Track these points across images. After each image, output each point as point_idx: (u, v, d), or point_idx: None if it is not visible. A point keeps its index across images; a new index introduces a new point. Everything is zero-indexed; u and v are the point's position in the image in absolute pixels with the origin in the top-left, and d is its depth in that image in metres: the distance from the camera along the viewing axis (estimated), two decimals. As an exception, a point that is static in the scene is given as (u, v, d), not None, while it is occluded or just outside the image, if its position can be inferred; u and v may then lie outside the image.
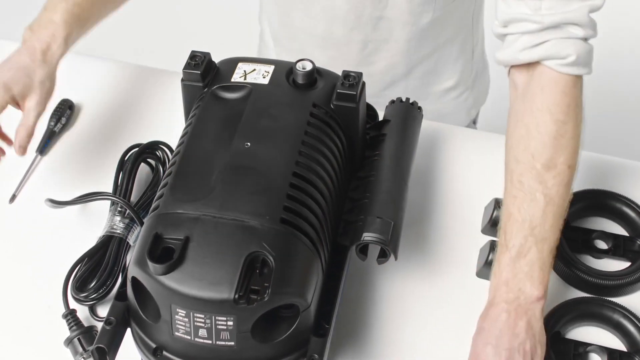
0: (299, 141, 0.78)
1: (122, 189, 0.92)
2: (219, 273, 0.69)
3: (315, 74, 0.83)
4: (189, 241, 0.70)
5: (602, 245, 0.92)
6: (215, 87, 0.83)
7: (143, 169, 0.97)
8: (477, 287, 0.89)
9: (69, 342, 0.82)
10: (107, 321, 0.75)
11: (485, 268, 0.89)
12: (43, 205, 0.91)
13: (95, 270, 0.87)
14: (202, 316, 0.69)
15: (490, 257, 0.88)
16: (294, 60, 0.83)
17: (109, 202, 0.92)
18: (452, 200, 0.97)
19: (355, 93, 0.81)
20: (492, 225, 0.93)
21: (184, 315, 0.70)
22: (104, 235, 0.89)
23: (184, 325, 0.71)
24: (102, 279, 0.85)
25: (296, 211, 0.73)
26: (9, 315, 0.87)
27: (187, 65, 0.83)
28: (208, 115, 0.81)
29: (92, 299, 0.85)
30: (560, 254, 0.89)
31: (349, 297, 0.88)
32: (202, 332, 0.71)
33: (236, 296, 0.68)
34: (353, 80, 0.82)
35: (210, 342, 0.71)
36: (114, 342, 0.75)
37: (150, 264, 0.69)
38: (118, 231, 0.88)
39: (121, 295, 0.77)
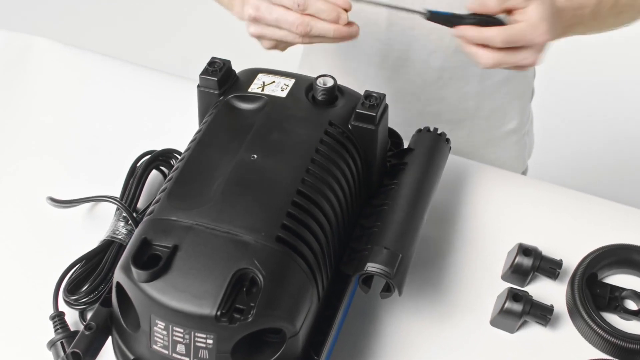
0: (308, 159, 0.74)
1: (129, 195, 0.89)
2: (203, 286, 0.65)
3: (337, 92, 0.80)
4: (177, 250, 0.67)
5: (631, 305, 0.85)
6: (230, 96, 0.80)
7: (156, 176, 0.94)
8: (489, 337, 0.82)
9: (51, 344, 0.79)
10: (87, 326, 0.72)
11: (500, 317, 0.83)
12: (48, 205, 0.89)
13: (90, 274, 0.84)
14: (181, 331, 0.65)
15: (506, 305, 0.82)
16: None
17: (115, 207, 0.89)
18: (474, 241, 0.91)
19: (375, 114, 0.77)
20: (513, 271, 0.86)
21: (162, 327, 0.66)
22: (104, 240, 0.86)
23: (162, 338, 0.67)
24: (95, 284, 0.82)
25: (295, 231, 0.69)
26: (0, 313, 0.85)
27: (205, 71, 0.81)
28: (219, 124, 0.78)
29: (83, 303, 0.81)
30: (585, 310, 0.82)
31: (350, 330, 0.82)
32: (180, 348, 0.66)
33: (218, 313, 0.64)
34: (374, 101, 0.78)
35: (188, 359, 0.67)
36: (92, 348, 0.71)
37: (133, 269, 0.66)
38: (119, 237, 0.85)
39: (106, 301, 0.74)
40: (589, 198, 0.94)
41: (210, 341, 0.65)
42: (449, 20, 0.79)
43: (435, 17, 0.79)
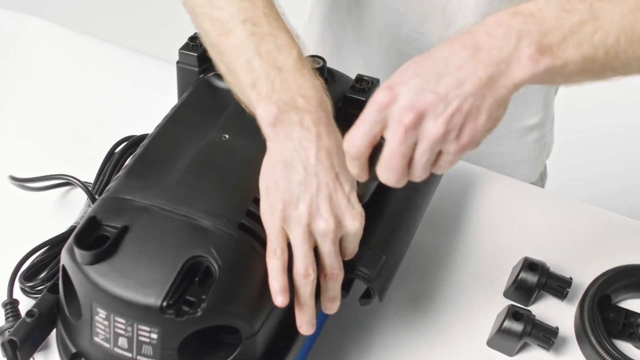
0: (284, 142, 0.66)
1: (103, 180, 0.82)
2: (150, 273, 0.58)
3: (326, 74, 0.72)
4: (127, 231, 0.60)
5: (647, 333, 0.76)
6: (211, 74, 0.73)
7: (137, 164, 0.87)
8: (485, 359, 0.74)
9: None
10: (28, 313, 0.65)
11: (498, 337, 0.74)
12: (18, 187, 0.83)
13: (52, 260, 0.77)
14: (123, 322, 0.58)
15: (505, 324, 0.73)
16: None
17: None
18: (476, 252, 0.83)
19: (365, 99, 0.70)
20: (516, 288, 0.78)
21: (104, 317, 0.59)
22: (72, 226, 0.79)
23: (104, 330, 0.59)
24: (54, 271, 0.75)
25: (261, 219, 0.61)
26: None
27: (185, 46, 0.74)
28: (193, 102, 0.71)
29: (39, 291, 0.74)
30: (594, 336, 0.73)
31: (328, 342, 0.74)
32: (122, 342, 0.59)
33: (164, 304, 0.57)
34: (366, 85, 0.70)
35: (130, 355, 0.59)
36: (32, 337, 0.65)
37: (75, 249, 0.59)
38: (87, 223, 0.78)
39: (55, 287, 0.67)
40: (606, 213, 0.86)
41: (154, 335, 0.58)
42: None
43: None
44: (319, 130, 0.61)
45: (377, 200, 0.73)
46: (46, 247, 0.78)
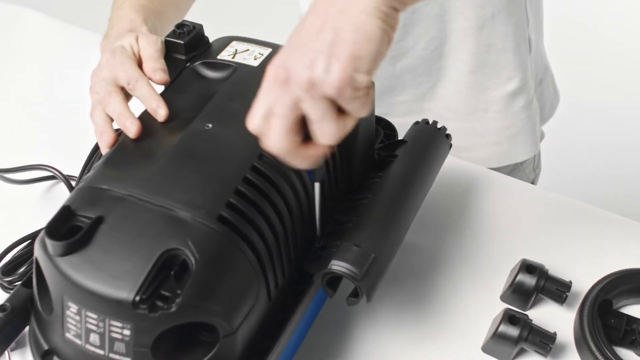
0: (271, 133, 0.63)
1: (87, 173, 0.80)
2: (124, 266, 0.55)
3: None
4: (102, 222, 0.57)
5: (651, 341, 0.72)
6: (197, 62, 0.71)
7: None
8: (480, 364, 0.71)
9: (-27, 329, 0.69)
10: (0, 307, 0.62)
11: (494, 342, 0.71)
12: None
13: (32, 255, 0.74)
14: (95, 317, 0.55)
15: (501, 328, 0.70)
16: None
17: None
18: (473, 254, 0.80)
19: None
20: (513, 291, 0.74)
21: (75, 311, 0.56)
22: (54, 220, 0.77)
23: (75, 325, 0.57)
24: (32, 266, 0.72)
25: (243, 212, 0.58)
26: None
27: (171, 34, 0.72)
28: (178, 90, 0.69)
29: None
30: (594, 343, 0.70)
31: (316, 344, 0.71)
32: (94, 338, 0.56)
33: (137, 298, 0.54)
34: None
35: (102, 352, 0.56)
36: (3, 333, 0.62)
37: (47, 240, 0.56)
38: (70, 217, 0.76)
39: (29, 281, 0.64)
40: (608, 214, 0.83)
41: (126, 332, 0.55)
42: None
43: None
44: None
45: (368, 196, 0.70)
46: (27, 242, 0.76)
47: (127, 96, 0.70)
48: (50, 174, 0.81)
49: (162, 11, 0.79)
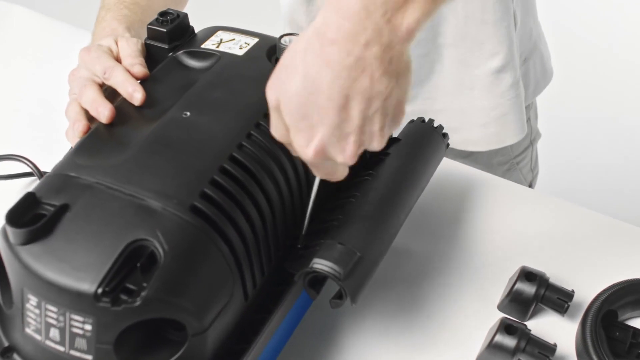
0: (252, 123, 0.60)
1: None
2: (87, 257, 0.51)
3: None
4: (67, 210, 0.54)
5: (657, 355, 0.68)
6: (181, 51, 0.68)
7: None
8: (474, 377, 0.67)
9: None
10: (-39, 301, 0.59)
11: (489, 352, 0.67)
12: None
13: None
14: (55, 310, 0.52)
15: (497, 338, 0.66)
16: None
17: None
18: (470, 260, 0.76)
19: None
20: (511, 300, 0.71)
21: (35, 304, 0.53)
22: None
23: (35, 319, 0.53)
24: (4, 262, 0.69)
25: (218, 203, 0.55)
26: None
27: (154, 22, 0.69)
28: (158, 79, 0.66)
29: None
30: (597, 356, 0.66)
31: (300, 350, 0.67)
32: (54, 334, 0.53)
33: (99, 290, 0.50)
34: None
35: (62, 349, 0.53)
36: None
37: (7, 227, 0.53)
38: (47, 213, 0.73)
39: (-6, 275, 0.61)
40: (612, 221, 0.80)
41: (88, 327, 0.51)
42: None
43: None
44: None
45: (356, 195, 0.66)
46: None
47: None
48: (29, 170, 0.78)
49: (146, 20, 0.76)
